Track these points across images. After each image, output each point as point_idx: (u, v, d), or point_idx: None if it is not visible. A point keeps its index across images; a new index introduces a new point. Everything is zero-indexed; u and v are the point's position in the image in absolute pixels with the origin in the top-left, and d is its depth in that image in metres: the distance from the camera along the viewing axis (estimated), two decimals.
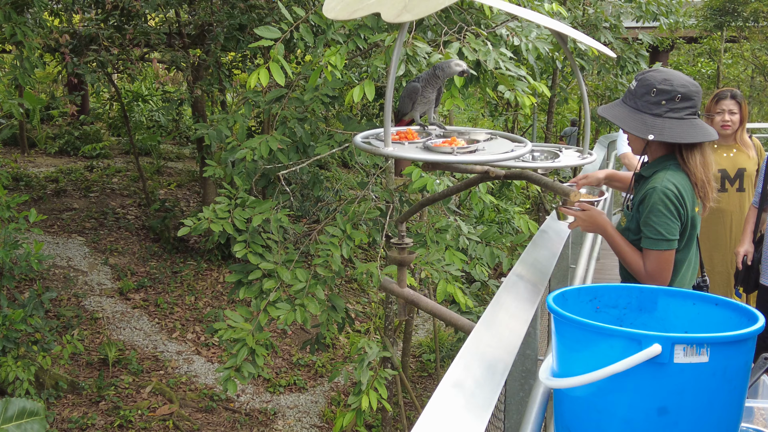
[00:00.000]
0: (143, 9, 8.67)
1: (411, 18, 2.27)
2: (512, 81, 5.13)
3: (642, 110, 2.51)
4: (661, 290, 1.85)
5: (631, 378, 1.49)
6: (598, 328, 1.53)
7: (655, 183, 2.49)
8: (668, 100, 2.48)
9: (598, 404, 1.54)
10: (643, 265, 2.50)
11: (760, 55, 16.38)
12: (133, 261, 10.21)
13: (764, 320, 1.59)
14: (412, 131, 2.93)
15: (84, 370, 8.24)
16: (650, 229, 2.47)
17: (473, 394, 1.54)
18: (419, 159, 2.69)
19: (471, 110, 16.95)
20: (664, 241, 2.44)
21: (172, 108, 11.14)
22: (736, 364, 1.51)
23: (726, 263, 4.61)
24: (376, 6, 2.36)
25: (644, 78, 2.54)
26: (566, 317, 1.59)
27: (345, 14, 2.45)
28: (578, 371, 1.54)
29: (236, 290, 5.46)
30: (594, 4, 10.09)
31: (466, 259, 5.68)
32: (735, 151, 4.60)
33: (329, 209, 8.55)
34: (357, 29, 5.16)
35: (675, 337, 1.46)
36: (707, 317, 1.76)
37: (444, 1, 2.25)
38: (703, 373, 1.48)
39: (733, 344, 1.49)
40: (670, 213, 2.45)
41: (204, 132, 5.67)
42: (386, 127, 2.54)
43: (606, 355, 1.50)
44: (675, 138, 2.46)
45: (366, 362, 5.32)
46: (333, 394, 8.89)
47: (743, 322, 1.65)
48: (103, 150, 13.69)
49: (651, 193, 2.47)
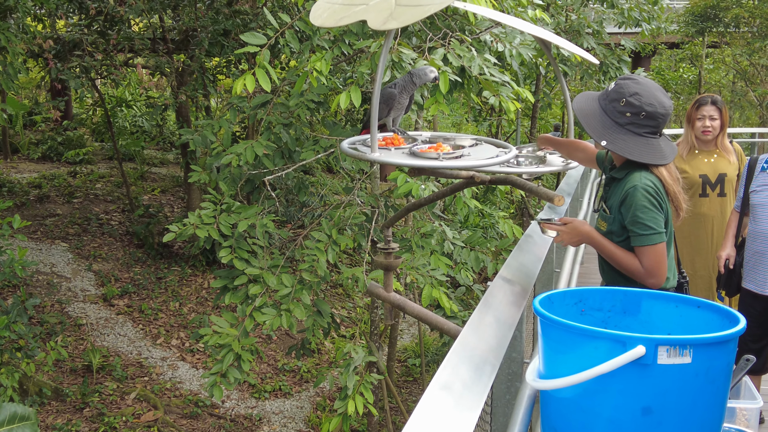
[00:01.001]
0: (127, 14, 8.66)
1: (397, 25, 2.29)
2: (497, 86, 5.17)
3: (608, 114, 2.53)
4: (644, 293, 1.88)
5: (616, 379, 1.51)
6: (583, 331, 1.56)
7: (634, 182, 2.50)
8: (633, 114, 2.49)
9: (583, 405, 1.57)
10: (640, 264, 2.51)
11: (741, 61, 16.54)
12: (117, 267, 10.17)
13: (745, 322, 1.63)
14: (398, 137, 2.96)
15: (68, 377, 8.20)
16: (640, 226, 2.48)
17: (461, 396, 1.56)
18: (406, 164, 2.71)
19: (455, 116, 17.01)
20: (656, 234, 2.46)
21: (156, 113, 11.12)
22: (718, 365, 1.54)
23: (708, 267, 4.66)
24: (362, 13, 2.39)
25: (621, 85, 2.54)
26: (553, 320, 1.61)
27: (332, 21, 2.47)
28: (564, 373, 1.57)
29: (222, 296, 5.47)
30: (577, 11, 10.16)
31: (451, 263, 5.71)
32: (716, 157, 4.66)
33: (314, 214, 8.56)
34: (342, 35, 5.18)
35: (659, 339, 1.49)
36: (690, 319, 1.80)
37: (429, 8, 2.27)
38: (686, 374, 1.50)
39: (715, 345, 1.52)
40: (655, 207, 2.47)
41: (189, 137, 5.68)
42: (372, 133, 2.56)
43: (591, 357, 1.53)
44: (623, 151, 2.49)
45: (352, 367, 5.34)
46: (318, 399, 8.89)
47: (725, 324, 1.69)
48: (87, 155, 13.63)
49: (633, 192, 2.49)
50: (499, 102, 5.20)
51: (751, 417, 1.78)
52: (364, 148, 2.76)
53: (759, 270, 3.98)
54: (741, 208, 4.24)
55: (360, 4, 2.43)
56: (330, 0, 2.57)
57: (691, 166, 4.62)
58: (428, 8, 2.27)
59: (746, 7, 14.69)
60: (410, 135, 3.14)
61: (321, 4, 2.58)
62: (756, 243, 4.00)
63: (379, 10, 2.33)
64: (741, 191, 4.25)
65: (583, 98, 2.64)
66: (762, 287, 3.96)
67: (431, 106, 5.02)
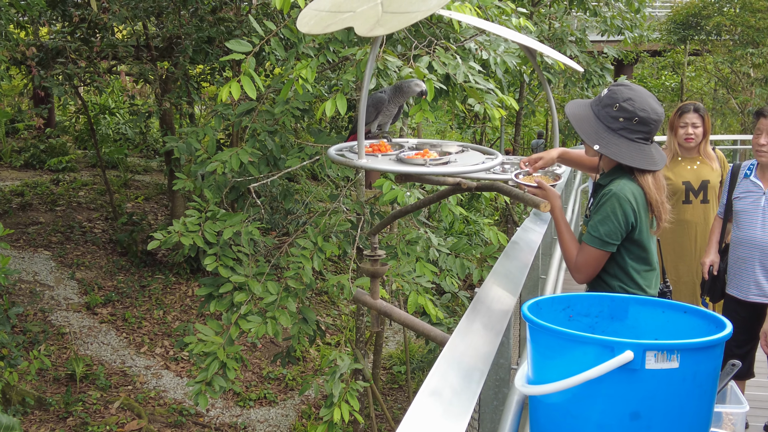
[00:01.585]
0: (111, 22, 8.63)
1: (384, 32, 2.30)
2: (481, 94, 5.19)
3: (601, 119, 2.56)
4: (632, 299, 1.89)
5: (604, 384, 1.52)
6: (572, 336, 1.57)
7: (613, 188, 2.55)
8: (626, 119, 2.52)
9: (572, 410, 1.58)
10: (575, 255, 2.63)
11: (722, 68, 16.69)
12: (100, 275, 10.10)
13: (731, 327, 1.64)
14: (385, 144, 2.96)
15: (51, 386, 8.13)
16: (595, 229, 2.55)
17: (451, 402, 1.56)
18: (393, 171, 2.72)
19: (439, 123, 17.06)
20: (601, 242, 2.54)
21: (139, 121, 11.06)
22: (705, 370, 1.55)
23: (692, 273, 4.69)
24: (349, 20, 2.39)
25: (614, 91, 2.57)
26: (541, 326, 1.62)
27: (319, 28, 2.48)
28: (553, 378, 1.57)
29: (207, 303, 5.44)
30: (560, 19, 10.24)
31: (437, 270, 5.71)
32: (699, 164, 4.69)
33: (299, 222, 8.55)
34: (327, 43, 5.19)
35: (646, 344, 1.50)
36: (676, 325, 1.81)
37: (416, 15, 2.28)
38: (673, 379, 1.52)
39: (702, 350, 1.53)
40: (617, 219, 2.52)
41: (174, 145, 5.66)
42: (360, 140, 2.56)
43: (580, 362, 1.54)
44: (616, 156, 2.52)
45: (338, 374, 5.33)
46: (303, 407, 8.86)
47: (711, 329, 1.70)
48: (69, 163, 13.55)
49: (608, 197, 2.54)
50: (484, 109, 5.22)
51: (737, 421, 1.80)
52: (351, 155, 2.77)
53: (742, 276, 4.01)
54: (724, 214, 4.28)
55: (347, 11, 2.44)
56: (316, 7, 2.57)
57: (674, 173, 4.65)
58: (414, 15, 2.28)
59: (728, 16, 14.83)
60: (397, 142, 3.15)
61: (308, 12, 2.59)
62: (739, 249, 4.04)
63: (366, 17, 2.34)
64: (724, 198, 4.29)
65: (576, 104, 2.67)
66: (745, 293, 4.00)
67: (416, 113, 5.03)
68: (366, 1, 2.43)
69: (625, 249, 2.60)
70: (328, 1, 2.58)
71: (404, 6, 2.32)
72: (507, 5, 5.78)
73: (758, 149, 3.97)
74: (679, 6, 16.31)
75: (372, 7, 2.38)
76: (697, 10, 15.41)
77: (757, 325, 3.88)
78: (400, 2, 2.34)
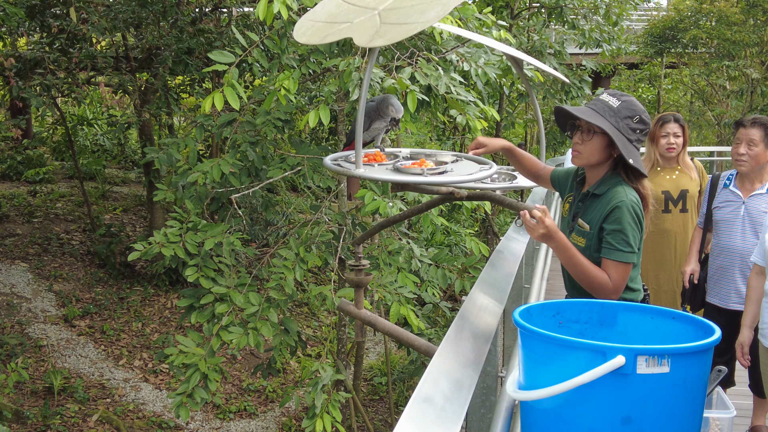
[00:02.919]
0: (90, 33, 8.58)
1: (384, 43, 2.30)
2: (463, 105, 5.22)
3: (621, 131, 2.52)
4: (620, 305, 1.91)
5: (596, 389, 1.53)
6: (563, 341, 1.58)
7: (621, 197, 2.50)
8: (641, 131, 2.54)
9: (564, 415, 1.59)
10: (608, 277, 2.46)
11: (699, 81, 16.89)
12: (78, 287, 10.01)
13: (720, 332, 1.66)
14: (380, 154, 2.96)
15: (29, 399, 8.03)
16: (622, 243, 2.45)
17: (443, 409, 1.57)
18: (391, 180, 2.70)
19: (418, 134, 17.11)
20: (633, 254, 2.46)
21: (118, 132, 11.00)
22: (695, 374, 1.57)
23: (672, 282, 4.73)
24: (347, 31, 2.39)
25: (629, 102, 2.56)
26: (533, 331, 1.63)
27: (316, 39, 2.47)
28: (544, 384, 1.58)
29: (188, 315, 5.41)
30: (539, 31, 10.32)
31: (418, 281, 5.72)
32: (678, 173, 4.74)
33: (279, 233, 8.53)
34: (310, 54, 5.20)
35: (638, 349, 1.51)
36: (665, 330, 1.83)
37: (415, 27, 2.28)
38: (664, 383, 1.53)
39: (692, 355, 1.55)
40: (638, 226, 2.49)
41: (154, 156, 5.63)
42: (357, 149, 2.56)
43: (571, 368, 1.55)
44: (641, 167, 2.53)
45: (320, 385, 5.31)
46: (284, 419, 8.81)
47: (699, 334, 1.72)
48: (47, 175, 13.43)
49: (620, 207, 2.47)
50: (466, 120, 5.25)
51: (724, 426, 1.81)
52: (347, 165, 2.76)
53: (722, 285, 4.06)
54: (704, 224, 4.32)
55: (344, 21, 2.44)
56: (312, 18, 2.57)
57: (654, 182, 4.70)
58: (414, 27, 2.28)
59: (704, 29, 15.02)
60: (390, 152, 3.16)
61: (303, 22, 2.58)
62: (719, 258, 4.08)
63: (365, 28, 2.34)
64: (704, 208, 4.34)
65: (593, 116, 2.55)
66: (726, 301, 4.04)
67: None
68: (362, 12, 2.43)
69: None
70: (324, 12, 2.58)
71: (402, 17, 2.32)
72: (488, 17, 5.83)
73: (737, 158, 4.02)
74: (656, 19, 16.50)
75: (369, 18, 2.38)
76: (673, 23, 15.59)
77: (737, 333, 3.92)
78: (399, 14, 2.34)
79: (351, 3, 2.53)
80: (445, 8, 2.30)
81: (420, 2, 2.36)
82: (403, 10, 2.36)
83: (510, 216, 13.70)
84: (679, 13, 15.64)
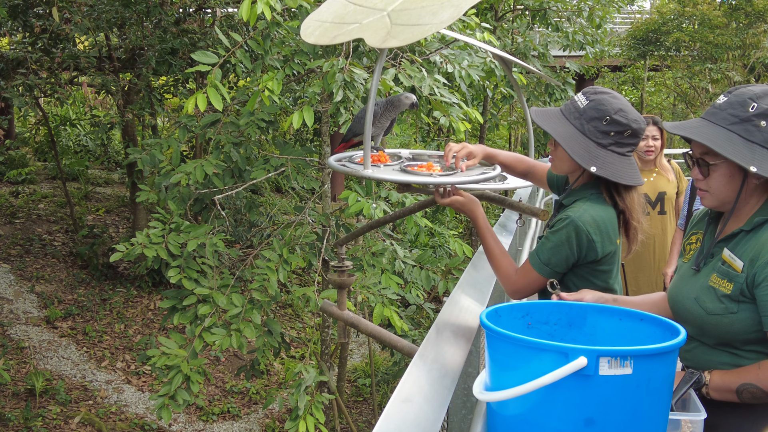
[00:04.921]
0: (73, 32, 8.54)
1: (397, 44, 2.29)
2: (447, 107, 5.25)
3: (587, 135, 2.27)
4: (590, 307, 1.93)
5: (559, 391, 1.54)
6: (527, 342, 1.59)
7: (572, 213, 2.31)
8: (617, 133, 2.25)
9: (529, 418, 1.60)
10: (514, 272, 2.45)
11: (681, 84, 16.99)
12: (60, 288, 9.96)
13: (686, 334, 1.68)
14: (384, 155, 2.97)
15: (10, 401, 7.99)
16: (542, 250, 2.35)
17: (422, 409, 1.58)
18: (399, 180, 2.69)
19: (403, 136, 17.12)
20: (545, 267, 2.35)
21: (101, 132, 10.95)
22: (659, 376, 1.58)
23: (651, 284, 4.77)
24: (357, 32, 2.36)
25: (599, 101, 2.28)
26: (498, 332, 1.64)
27: (325, 39, 2.44)
28: (510, 385, 1.58)
29: (170, 316, 5.40)
30: (522, 34, 10.36)
31: (402, 282, 5.73)
32: (655, 176, 4.79)
33: (263, 234, 8.53)
34: (294, 55, 5.21)
35: (600, 350, 1.52)
36: (633, 332, 1.85)
37: (429, 28, 2.27)
38: (627, 385, 1.54)
39: (655, 357, 1.57)
40: (570, 249, 2.31)
41: (137, 157, 5.63)
42: (366, 150, 2.55)
43: (537, 369, 1.56)
44: (614, 176, 2.26)
45: (303, 387, 5.31)
46: (268, 421, 8.80)
47: (666, 336, 1.74)
48: (29, 175, 13.35)
49: (565, 222, 2.30)
50: (449, 122, 5.28)
51: (695, 429, 1.84)
52: (354, 165, 2.75)
53: None
54: (685, 226, 4.36)
55: (352, 22, 2.41)
56: (319, 18, 2.56)
57: None
58: (428, 28, 2.26)
59: (687, 32, 15.10)
60: (392, 153, 3.18)
61: (310, 23, 2.57)
62: None
63: (375, 29, 2.32)
64: (685, 210, 4.38)
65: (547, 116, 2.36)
66: None
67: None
68: (371, 12, 2.41)
69: (590, 272, 2.40)
70: (330, 13, 2.56)
71: (414, 18, 2.29)
72: (471, 19, 5.86)
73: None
74: (639, 22, 16.59)
75: (379, 19, 2.36)
76: (656, 26, 15.68)
77: None
78: (410, 15, 2.32)
79: (357, 4, 2.52)
80: (458, 10, 2.26)
81: (431, 4, 2.34)
82: (414, 12, 2.35)
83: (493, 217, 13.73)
84: (662, 16, 15.73)
